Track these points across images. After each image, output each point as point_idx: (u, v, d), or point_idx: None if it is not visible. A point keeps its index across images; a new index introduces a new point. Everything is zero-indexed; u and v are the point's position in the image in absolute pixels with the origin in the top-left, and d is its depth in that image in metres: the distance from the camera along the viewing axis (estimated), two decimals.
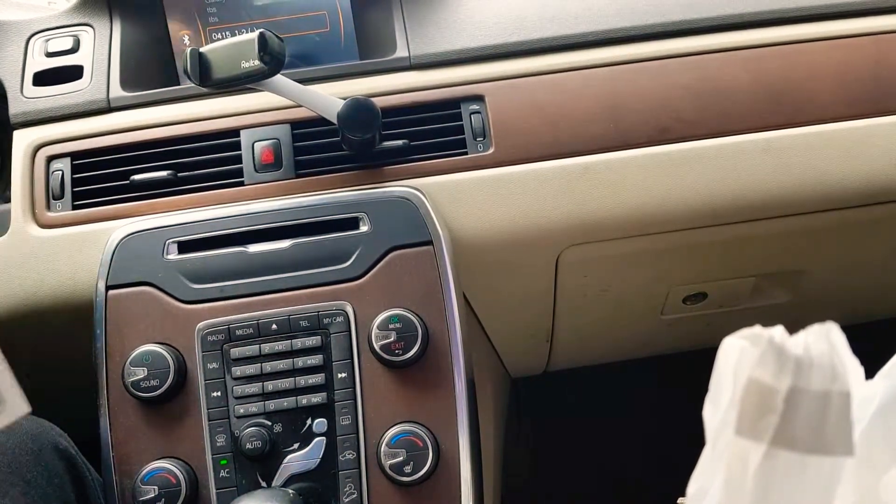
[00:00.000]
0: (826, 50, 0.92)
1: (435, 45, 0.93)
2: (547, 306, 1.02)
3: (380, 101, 0.85)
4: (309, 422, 0.77)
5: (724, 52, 0.91)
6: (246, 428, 0.76)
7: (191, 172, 0.89)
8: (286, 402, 0.77)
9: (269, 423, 0.77)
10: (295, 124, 0.90)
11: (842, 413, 0.38)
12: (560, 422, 1.63)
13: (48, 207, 0.89)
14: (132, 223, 0.85)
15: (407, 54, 0.93)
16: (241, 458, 0.76)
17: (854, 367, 0.39)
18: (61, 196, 0.89)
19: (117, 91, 0.93)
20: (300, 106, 0.86)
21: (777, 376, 0.38)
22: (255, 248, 0.83)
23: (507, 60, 0.92)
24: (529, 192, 0.87)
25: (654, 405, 1.55)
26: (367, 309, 0.80)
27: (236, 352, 0.79)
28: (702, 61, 0.91)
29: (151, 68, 0.98)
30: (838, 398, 0.38)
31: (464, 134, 0.89)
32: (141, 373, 0.76)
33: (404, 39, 0.94)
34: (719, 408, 0.41)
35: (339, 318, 0.80)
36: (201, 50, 0.78)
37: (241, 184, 0.88)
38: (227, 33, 1.00)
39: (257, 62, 0.75)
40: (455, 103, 0.90)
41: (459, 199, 0.87)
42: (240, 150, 0.89)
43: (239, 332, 0.79)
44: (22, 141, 0.91)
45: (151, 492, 0.74)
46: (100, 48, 0.96)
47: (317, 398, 0.78)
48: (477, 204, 0.87)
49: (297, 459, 0.77)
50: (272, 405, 0.77)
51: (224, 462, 0.77)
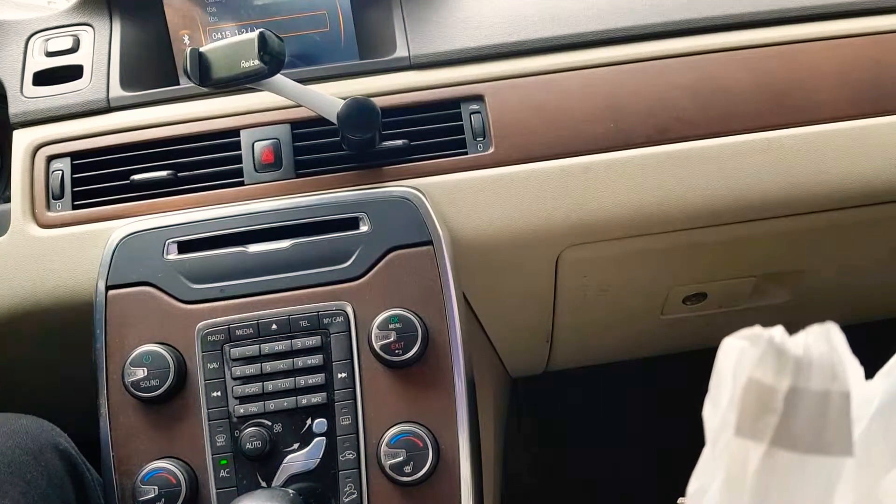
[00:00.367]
0: (826, 50, 0.92)
1: (435, 44, 0.93)
2: (547, 306, 1.02)
3: (380, 101, 0.85)
4: (309, 422, 0.77)
5: (725, 51, 0.91)
6: (246, 428, 0.76)
7: (191, 172, 0.89)
8: (286, 402, 0.77)
9: (269, 423, 0.77)
10: (295, 124, 0.90)
11: (841, 413, 0.38)
12: (560, 422, 1.63)
13: (48, 207, 0.89)
14: (132, 223, 0.85)
15: (407, 54, 0.93)
16: (241, 458, 0.76)
17: (854, 367, 0.39)
18: (61, 196, 0.89)
19: (117, 91, 0.93)
20: (300, 106, 0.86)
21: (777, 376, 0.38)
22: (254, 248, 0.83)
23: (507, 60, 0.92)
24: (529, 192, 0.87)
25: (654, 405, 1.55)
26: (366, 309, 0.80)
27: (236, 352, 0.79)
28: (702, 61, 0.91)
29: (151, 68, 0.98)
30: (838, 398, 0.38)
31: (464, 134, 0.89)
32: (141, 373, 0.76)
33: (404, 39, 0.94)
34: (719, 408, 0.41)
35: (339, 318, 0.80)
36: (201, 50, 0.78)
37: (241, 184, 0.88)
38: (227, 33, 1.00)
39: (257, 62, 0.75)
40: (455, 103, 0.90)
41: (459, 199, 0.87)
42: (240, 149, 0.89)
43: (239, 332, 0.79)
44: (22, 141, 0.91)
45: (151, 492, 0.74)
46: (100, 48, 0.96)
47: (317, 398, 0.78)
48: (477, 204, 0.87)
49: (297, 459, 0.77)
50: (272, 405, 0.77)
51: (224, 462, 0.77)
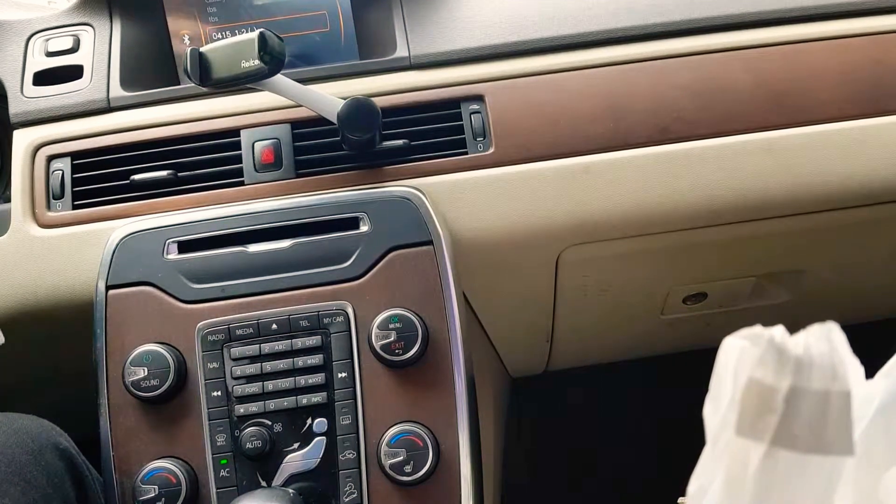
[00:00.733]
0: (827, 50, 0.92)
1: (435, 44, 0.93)
2: (547, 306, 1.02)
3: (380, 101, 0.85)
4: (309, 421, 0.77)
5: (725, 52, 0.91)
6: (246, 427, 0.76)
7: (191, 172, 0.89)
8: (286, 402, 0.77)
9: (270, 423, 0.77)
10: (295, 124, 0.90)
11: (842, 413, 0.38)
12: (560, 422, 1.63)
13: (48, 207, 0.89)
14: (132, 223, 0.85)
15: (407, 54, 0.93)
16: (242, 458, 0.76)
17: (854, 366, 0.39)
18: (61, 196, 0.89)
19: (117, 91, 0.93)
20: (300, 106, 0.86)
21: (777, 376, 0.38)
22: (255, 247, 0.83)
23: (508, 60, 0.92)
24: (530, 191, 0.87)
25: (654, 405, 1.55)
26: (367, 309, 0.80)
27: (236, 351, 0.79)
28: (702, 61, 0.91)
29: (151, 68, 0.98)
30: (838, 398, 0.38)
31: (464, 134, 0.89)
32: (141, 372, 0.76)
33: (404, 39, 0.94)
34: (719, 407, 0.41)
35: (339, 318, 0.80)
36: (201, 50, 0.78)
37: (242, 184, 0.88)
38: (227, 33, 1.00)
39: (257, 62, 0.75)
40: (455, 103, 0.90)
41: (459, 198, 0.87)
42: (240, 149, 0.89)
43: (239, 332, 0.79)
44: (22, 141, 0.91)
45: (151, 491, 0.74)
46: (100, 48, 0.96)
47: (317, 398, 0.78)
48: (477, 204, 0.87)
49: (298, 459, 0.77)
50: (272, 405, 0.77)
51: (224, 462, 0.77)
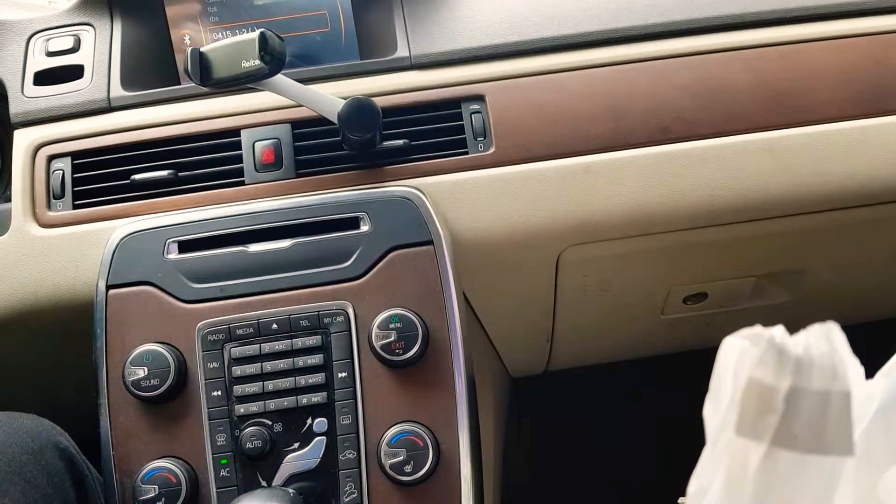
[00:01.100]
0: (827, 50, 0.92)
1: (435, 44, 0.93)
2: (547, 306, 1.02)
3: (380, 101, 0.85)
4: (309, 421, 0.77)
5: (725, 52, 0.91)
6: (246, 427, 0.76)
7: (191, 172, 0.89)
8: (286, 402, 0.77)
9: (270, 423, 0.77)
10: (295, 124, 0.90)
11: (842, 413, 0.38)
12: (560, 422, 1.63)
13: (49, 207, 0.89)
14: (132, 223, 0.85)
15: (407, 54, 0.93)
16: (242, 458, 0.76)
17: (854, 366, 0.39)
18: (62, 195, 0.89)
19: (118, 91, 0.93)
20: (301, 106, 0.86)
21: (777, 376, 0.38)
22: (255, 247, 0.83)
23: (508, 60, 0.92)
24: (530, 191, 0.87)
25: (654, 405, 1.55)
26: (367, 308, 0.80)
27: (237, 351, 0.79)
28: (703, 61, 0.91)
29: (152, 68, 0.98)
30: (838, 398, 0.38)
31: (464, 134, 0.89)
32: (141, 372, 0.76)
33: (405, 39, 0.94)
34: (719, 407, 0.41)
35: (340, 318, 0.80)
36: (202, 49, 0.78)
37: (242, 183, 0.88)
38: (228, 33, 1.00)
39: (258, 62, 0.75)
40: (456, 103, 0.90)
41: (460, 198, 0.87)
42: (240, 149, 0.89)
43: (239, 332, 0.79)
44: (22, 140, 0.91)
45: (151, 491, 0.74)
46: (100, 48, 0.96)
47: (317, 398, 0.78)
48: (477, 204, 0.87)
49: (298, 459, 0.77)
50: (272, 405, 0.77)
51: (224, 461, 0.77)
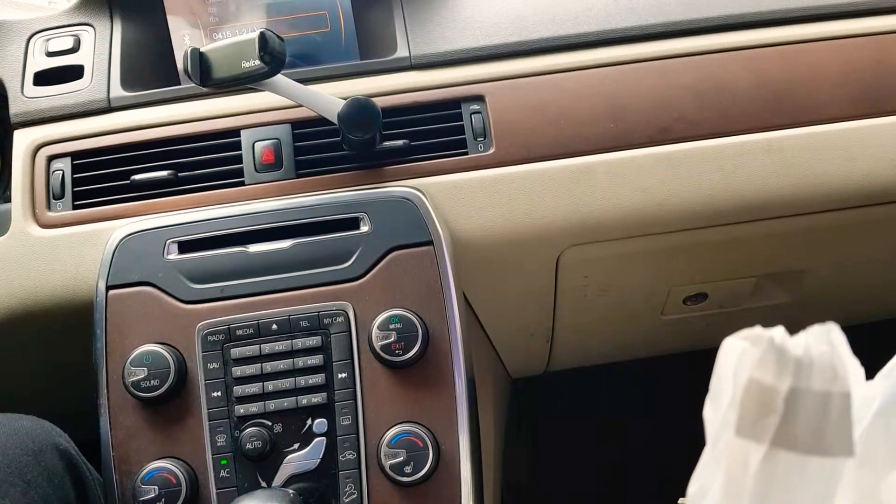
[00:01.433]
0: (827, 50, 0.92)
1: (435, 45, 0.93)
2: (547, 306, 1.02)
3: (380, 101, 0.85)
4: (309, 422, 0.77)
5: (726, 52, 0.91)
6: (246, 428, 0.76)
7: (191, 172, 0.89)
8: (286, 403, 0.77)
9: (270, 424, 0.77)
10: (295, 124, 0.90)
11: (842, 414, 0.38)
12: (560, 422, 1.63)
13: (48, 207, 0.89)
14: (132, 223, 0.85)
15: (407, 54, 0.93)
16: (242, 459, 0.76)
17: (854, 367, 0.39)
18: (62, 196, 0.89)
19: (118, 91, 0.93)
20: (301, 106, 0.86)
21: (777, 377, 0.38)
22: (255, 248, 0.83)
23: (508, 60, 0.92)
24: (530, 192, 0.87)
25: (654, 405, 1.55)
26: (367, 309, 0.80)
27: (237, 352, 0.79)
28: (703, 61, 0.91)
29: (152, 68, 0.98)
30: (839, 399, 0.38)
31: (464, 134, 0.89)
32: (141, 373, 0.76)
33: (405, 39, 0.94)
34: (719, 408, 0.41)
35: (340, 319, 0.80)
36: (202, 49, 0.78)
37: (242, 184, 0.88)
38: (228, 33, 1.00)
39: (258, 62, 0.75)
40: (456, 103, 0.90)
41: (460, 199, 0.87)
42: (240, 150, 0.89)
43: (239, 332, 0.79)
44: (22, 141, 0.91)
45: (151, 492, 0.74)
46: (100, 48, 0.96)
47: (317, 398, 0.78)
48: (477, 204, 0.87)
49: (298, 459, 0.77)
50: (272, 405, 0.77)
51: (224, 462, 0.77)
